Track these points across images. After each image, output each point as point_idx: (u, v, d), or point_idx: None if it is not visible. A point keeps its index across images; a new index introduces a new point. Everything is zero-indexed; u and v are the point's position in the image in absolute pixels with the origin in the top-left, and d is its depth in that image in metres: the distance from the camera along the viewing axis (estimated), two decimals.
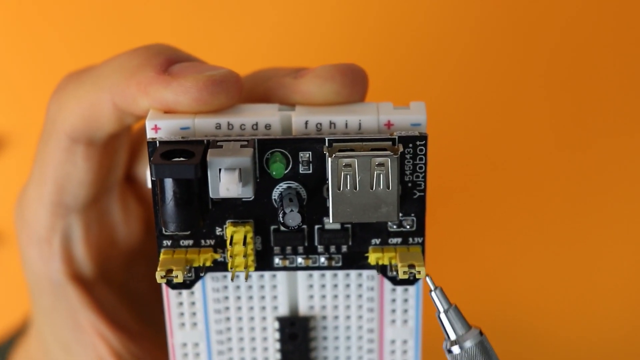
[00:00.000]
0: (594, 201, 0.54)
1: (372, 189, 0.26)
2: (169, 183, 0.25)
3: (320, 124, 0.27)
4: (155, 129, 0.27)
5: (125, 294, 0.34)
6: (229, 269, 0.28)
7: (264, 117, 0.27)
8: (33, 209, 0.31)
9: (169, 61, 0.28)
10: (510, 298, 0.56)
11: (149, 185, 0.28)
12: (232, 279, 0.28)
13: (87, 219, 0.32)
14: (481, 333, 0.27)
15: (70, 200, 0.31)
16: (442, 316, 0.27)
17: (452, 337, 0.27)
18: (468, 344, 0.27)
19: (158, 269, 0.27)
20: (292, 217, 0.26)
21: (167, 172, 0.25)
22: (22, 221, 0.32)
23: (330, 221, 0.26)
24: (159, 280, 0.27)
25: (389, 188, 0.26)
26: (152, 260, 0.35)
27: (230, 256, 0.27)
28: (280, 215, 0.26)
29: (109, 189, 0.32)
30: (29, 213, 0.32)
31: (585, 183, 0.54)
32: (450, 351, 0.27)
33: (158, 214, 0.27)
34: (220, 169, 0.26)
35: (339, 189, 0.26)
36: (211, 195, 0.26)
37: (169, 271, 0.27)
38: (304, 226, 0.28)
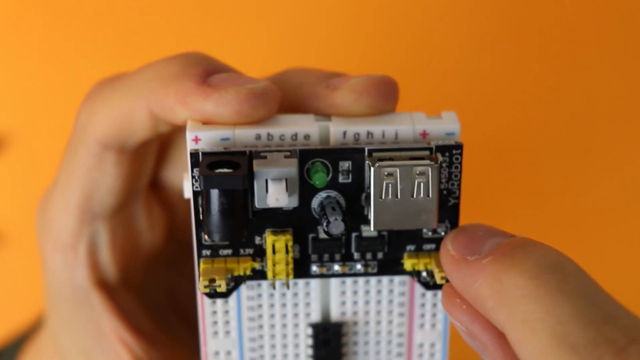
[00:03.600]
0: (594, 201, 0.55)
1: (412, 197, 0.27)
2: (215, 194, 0.26)
3: (358, 134, 0.28)
4: (196, 140, 0.27)
5: (144, 300, 0.34)
6: (268, 278, 0.28)
7: (303, 127, 0.28)
8: (59, 216, 0.31)
9: (207, 71, 0.28)
10: None
11: (187, 195, 0.28)
12: (273, 287, 0.28)
13: (113, 225, 0.32)
14: None
15: (97, 207, 0.31)
16: None
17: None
18: None
19: (200, 279, 0.28)
20: (336, 226, 0.27)
21: (216, 183, 0.26)
22: (46, 228, 0.32)
23: (372, 229, 0.27)
24: (202, 290, 0.28)
25: (429, 196, 0.27)
26: (169, 265, 0.36)
27: (273, 265, 0.28)
28: (325, 224, 0.27)
29: (136, 194, 0.32)
30: (54, 220, 0.32)
31: (586, 184, 0.55)
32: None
33: (201, 224, 0.27)
34: (267, 180, 0.26)
35: (381, 198, 0.27)
36: (257, 205, 0.27)
37: (212, 280, 0.28)
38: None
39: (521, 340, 0.23)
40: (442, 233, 0.29)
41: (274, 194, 0.26)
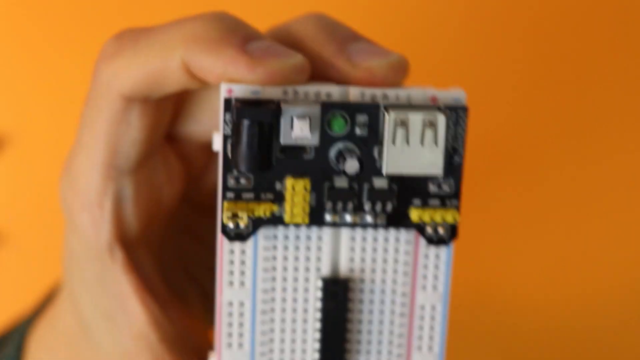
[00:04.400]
0: (594, 200, 0.57)
1: (422, 144, 0.30)
2: (246, 125, 0.29)
3: (375, 95, 0.31)
4: (230, 91, 0.30)
5: (158, 261, 0.36)
6: (286, 221, 0.31)
7: (325, 87, 0.31)
8: (84, 174, 0.33)
9: (246, 39, 0.30)
10: (509, 296, 0.57)
11: (216, 147, 0.31)
12: (290, 223, 0.31)
13: (137, 179, 0.33)
14: None
15: (122, 162, 0.32)
16: None
17: None
18: None
19: (224, 213, 0.30)
20: (352, 165, 0.30)
21: (247, 114, 0.29)
22: (72, 188, 0.33)
23: (384, 171, 0.30)
24: (224, 222, 0.30)
25: (436, 145, 0.30)
26: (182, 230, 0.37)
27: (292, 203, 0.30)
28: (341, 162, 0.30)
29: (156, 146, 0.34)
30: (80, 179, 0.33)
31: (585, 182, 0.57)
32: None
33: (228, 165, 0.30)
34: (292, 117, 0.29)
35: (394, 143, 0.30)
36: (282, 141, 0.30)
37: (235, 215, 0.30)
38: (355, 185, 0.31)
39: None
40: (447, 189, 0.31)
41: (299, 125, 0.29)
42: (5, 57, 0.56)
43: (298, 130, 0.29)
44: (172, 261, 0.37)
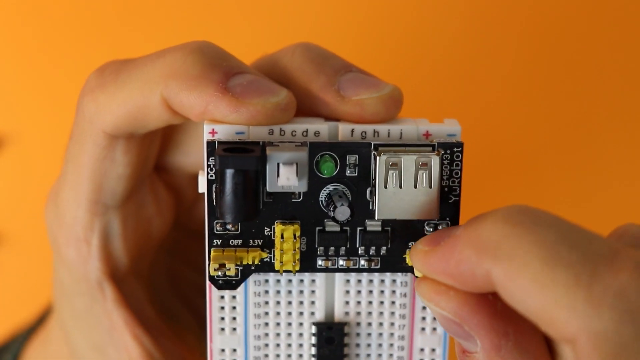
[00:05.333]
0: (594, 199, 0.56)
1: (415, 187, 0.28)
2: (229, 174, 0.27)
3: (365, 133, 0.30)
4: (213, 132, 0.29)
5: (150, 288, 0.35)
6: (276, 268, 0.29)
7: (313, 125, 0.29)
8: (70, 210, 0.32)
9: (227, 75, 0.29)
10: None
11: (201, 189, 0.30)
12: (280, 272, 0.29)
13: (124, 214, 0.32)
14: None
15: (108, 198, 0.32)
16: None
17: None
18: None
19: (211, 263, 0.29)
20: (342, 211, 0.28)
21: (231, 163, 0.27)
22: (58, 222, 0.33)
23: (376, 217, 0.29)
24: (212, 273, 0.29)
25: (430, 187, 0.28)
26: (172, 252, 0.37)
27: (281, 250, 0.29)
28: (331, 209, 0.28)
29: (144, 180, 0.33)
30: (66, 214, 0.32)
31: (586, 182, 0.56)
32: None
33: (214, 212, 0.29)
34: (278, 164, 0.28)
35: (386, 187, 0.28)
36: (269, 189, 0.28)
37: (222, 265, 0.29)
38: (347, 228, 0.30)
39: (512, 276, 0.24)
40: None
41: (285, 174, 0.27)
42: (5, 57, 0.55)
43: (284, 179, 0.28)
44: (164, 286, 0.36)
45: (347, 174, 0.29)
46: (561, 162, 0.56)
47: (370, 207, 0.29)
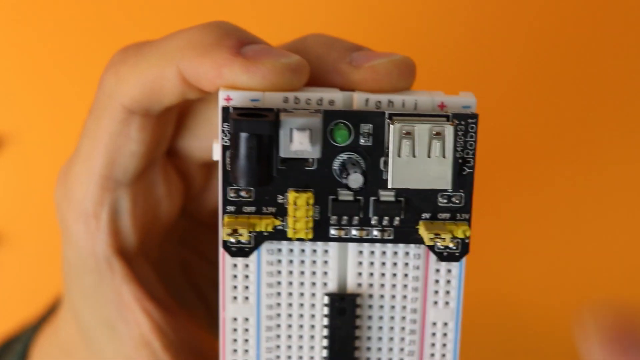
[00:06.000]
0: (595, 199, 0.56)
1: (429, 157, 0.28)
2: (243, 138, 0.28)
3: (380, 102, 0.30)
4: (228, 99, 0.29)
5: (160, 273, 0.35)
6: (289, 236, 0.30)
7: (328, 94, 0.30)
8: (81, 184, 0.32)
9: (241, 42, 0.30)
10: (512, 296, 0.56)
11: (215, 157, 0.30)
12: (293, 239, 0.29)
13: (134, 192, 0.33)
14: None
15: (120, 174, 0.32)
16: None
17: None
18: None
19: (224, 229, 0.29)
20: (355, 178, 0.28)
21: (245, 127, 0.28)
22: (67, 198, 0.33)
23: (390, 186, 0.29)
24: (224, 238, 0.29)
25: (444, 157, 0.28)
26: (182, 242, 0.37)
27: (294, 217, 0.29)
28: (344, 176, 0.28)
29: (156, 161, 0.33)
30: (76, 189, 0.32)
31: (587, 181, 0.55)
32: None
33: (227, 178, 0.29)
34: (292, 129, 0.28)
35: (399, 156, 0.28)
36: (282, 154, 0.28)
37: (235, 231, 0.29)
38: (361, 198, 0.30)
39: None
40: (457, 202, 0.30)
41: (298, 139, 0.28)
42: (5, 57, 0.56)
43: (297, 144, 0.28)
44: (176, 274, 0.36)
45: (361, 143, 0.29)
46: (566, 160, 0.56)
47: (384, 177, 0.29)
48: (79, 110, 0.37)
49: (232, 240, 0.30)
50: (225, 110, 0.29)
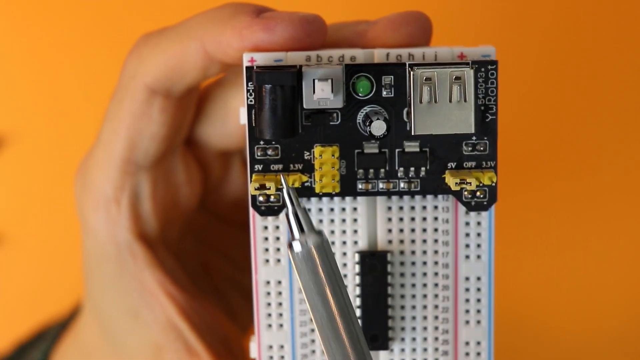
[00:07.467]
0: (596, 199, 0.55)
1: (450, 101, 0.29)
2: (267, 90, 0.28)
3: (400, 56, 0.30)
4: (252, 60, 0.30)
5: (180, 262, 0.35)
6: (316, 191, 0.30)
7: (349, 50, 0.30)
8: (101, 170, 0.33)
9: (259, 9, 0.31)
10: (514, 294, 0.56)
11: (242, 121, 0.30)
12: (320, 194, 0.30)
13: (154, 176, 0.33)
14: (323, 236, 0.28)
15: (140, 157, 0.33)
16: (290, 214, 0.28)
17: (297, 235, 0.28)
18: (309, 243, 0.28)
19: (252, 183, 0.29)
20: (379, 125, 0.29)
21: (268, 79, 0.28)
22: (87, 187, 0.33)
23: (413, 133, 0.29)
24: (252, 192, 0.29)
25: (465, 101, 0.29)
26: (202, 239, 0.37)
27: (320, 169, 0.29)
28: (367, 124, 0.29)
29: (176, 147, 0.34)
30: (97, 175, 0.33)
31: (588, 182, 0.55)
32: (290, 246, 0.28)
33: (254, 135, 0.30)
34: (314, 79, 0.29)
35: (421, 102, 0.29)
36: (305, 105, 0.29)
37: (262, 186, 0.29)
38: (386, 150, 0.30)
39: None
40: (482, 149, 0.30)
41: (320, 87, 0.28)
42: (5, 57, 0.56)
43: (320, 92, 0.28)
44: (197, 272, 0.36)
45: (383, 95, 0.30)
46: (567, 160, 0.56)
47: (408, 128, 0.30)
48: (79, 110, 0.37)
49: (261, 198, 0.30)
50: (249, 69, 0.29)
